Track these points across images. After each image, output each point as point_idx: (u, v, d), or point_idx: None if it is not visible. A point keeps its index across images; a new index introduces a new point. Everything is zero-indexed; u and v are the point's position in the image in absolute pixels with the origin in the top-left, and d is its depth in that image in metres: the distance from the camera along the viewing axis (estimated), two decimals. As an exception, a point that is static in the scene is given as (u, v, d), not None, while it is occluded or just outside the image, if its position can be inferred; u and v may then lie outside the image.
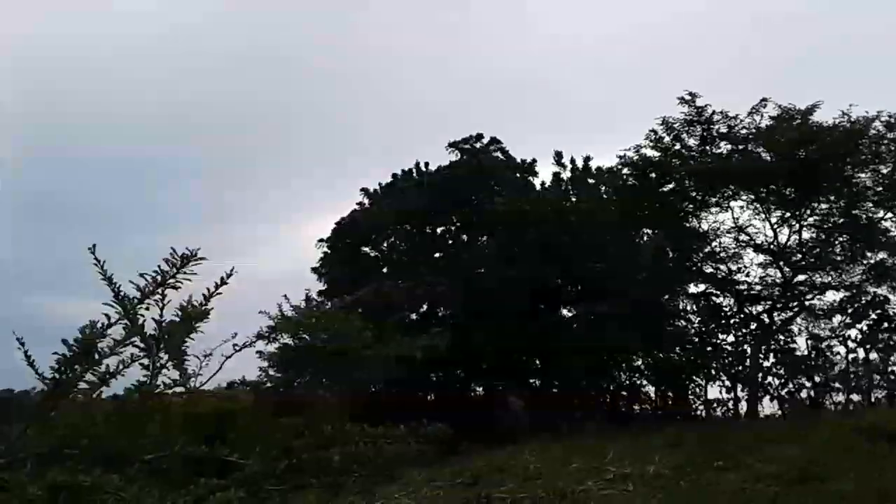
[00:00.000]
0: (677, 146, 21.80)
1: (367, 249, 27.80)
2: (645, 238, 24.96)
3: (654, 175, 22.34)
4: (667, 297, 24.53)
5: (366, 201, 28.33)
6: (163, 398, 3.34)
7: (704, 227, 22.88)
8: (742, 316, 23.46)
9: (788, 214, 21.96)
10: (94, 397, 2.92)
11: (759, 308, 22.96)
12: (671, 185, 22.48)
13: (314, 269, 27.46)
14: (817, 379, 23.31)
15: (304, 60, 62.07)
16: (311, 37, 62.99)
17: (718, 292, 23.84)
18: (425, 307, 25.35)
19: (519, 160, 28.08)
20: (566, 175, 27.80)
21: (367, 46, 62.57)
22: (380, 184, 28.47)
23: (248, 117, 60.69)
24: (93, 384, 2.87)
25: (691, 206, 22.68)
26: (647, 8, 60.05)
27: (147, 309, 2.77)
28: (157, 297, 2.76)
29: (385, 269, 26.72)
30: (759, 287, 22.82)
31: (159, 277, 2.71)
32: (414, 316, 24.72)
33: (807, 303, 22.58)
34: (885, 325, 22.22)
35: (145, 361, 2.93)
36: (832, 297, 22.61)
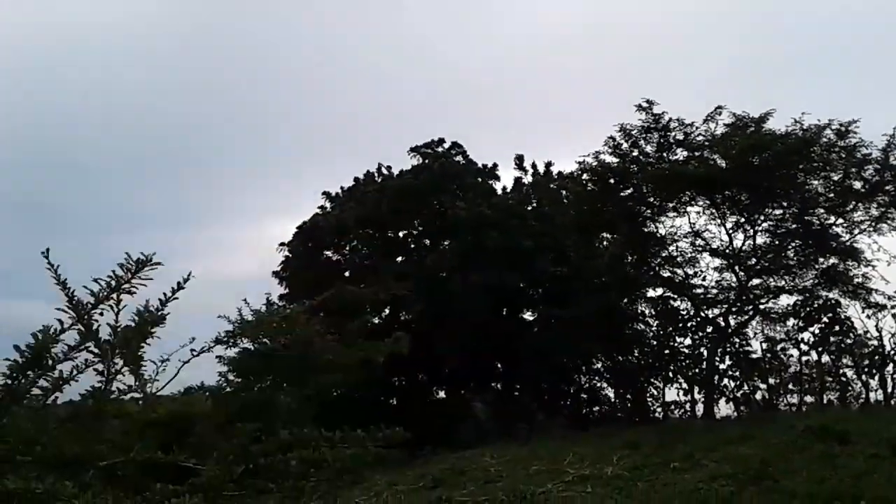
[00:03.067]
0: (635, 152, 22.13)
1: (329, 253, 27.67)
2: (604, 242, 25.26)
3: (612, 181, 22.64)
4: (626, 300, 24.85)
5: (328, 205, 28.21)
6: (119, 403, 3.31)
7: (662, 231, 23.24)
8: (699, 319, 23.86)
9: (743, 220, 22.42)
10: (47, 403, 2.89)
11: (716, 311, 23.38)
12: (630, 191, 22.78)
13: (275, 273, 27.26)
14: (772, 381, 23.79)
15: (265, 63, 61.69)
16: (272, 39, 62.58)
17: (676, 296, 24.21)
18: (388, 311, 25.34)
19: (481, 164, 28.23)
20: (528, 179, 28.06)
21: (328, 49, 62.40)
22: (342, 187, 28.39)
23: (210, 119, 60.09)
24: (46, 390, 2.84)
25: (649, 211, 23.02)
26: (607, 11, 60.94)
27: (101, 314, 2.75)
28: (112, 301, 2.75)
29: (347, 273, 26.64)
30: (715, 291, 23.26)
31: (114, 282, 2.69)
32: (376, 320, 24.68)
33: (761, 306, 23.06)
34: (837, 328, 22.76)
35: (100, 367, 2.91)
36: (786, 300, 23.13)
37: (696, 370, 24.00)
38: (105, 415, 3.06)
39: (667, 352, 24.75)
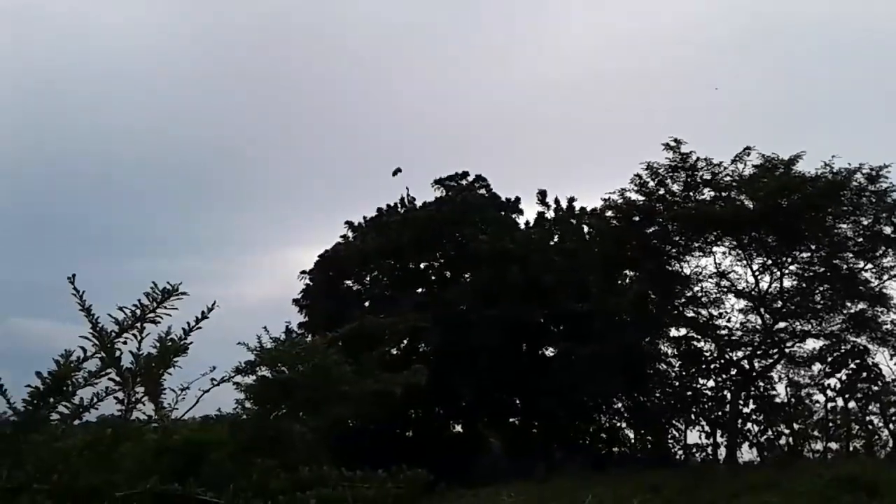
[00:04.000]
0: (661, 191, 21.98)
1: (349, 282, 27.68)
2: (627, 280, 25.03)
3: (637, 218, 22.47)
4: (648, 339, 24.53)
5: (350, 234, 28.31)
6: (137, 431, 3.26)
7: (687, 271, 22.98)
8: (722, 361, 23.48)
9: (770, 262, 22.13)
10: (65, 428, 2.84)
11: (740, 354, 22.98)
12: (655, 229, 22.61)
13: (296, 301, 27.29)
14: (796, 426, 23.29)
15: (291, 94, 62.53)
16: (302, 71, 63.46)
17: (699, 337, 23.86)
18: (406, 342, 25.20)
19: (504, 198, 28.25)
20: (550, 215, 27.98)
21: (356, 80, 63.14)
22: (365, 217, 28.50)
23: (236, 146, 60.86)
24: (65, 416, 2.79)
25: (674, 250, 22.81)
26: (635, 46, 61.15)
27: (125, 343, 2.70)
28: (136, 330, 2.70)
29: (367, 303, 26.59)
30: (739, 333, 22.87)
31: (139, 311, 2.65)
32: (395, 351, 24.53)
33: (787, 350, 22.65)
34: (864, 374, 22.27)
35: (120, 395, 2.85)
36: (812, 345, 22.71)
37: (719, 413, 23.56)
38: (123, 444, 2.99)
39: (689, 393, 24.36)
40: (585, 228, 26.86)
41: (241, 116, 63.65)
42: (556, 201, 28.01)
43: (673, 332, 24.45)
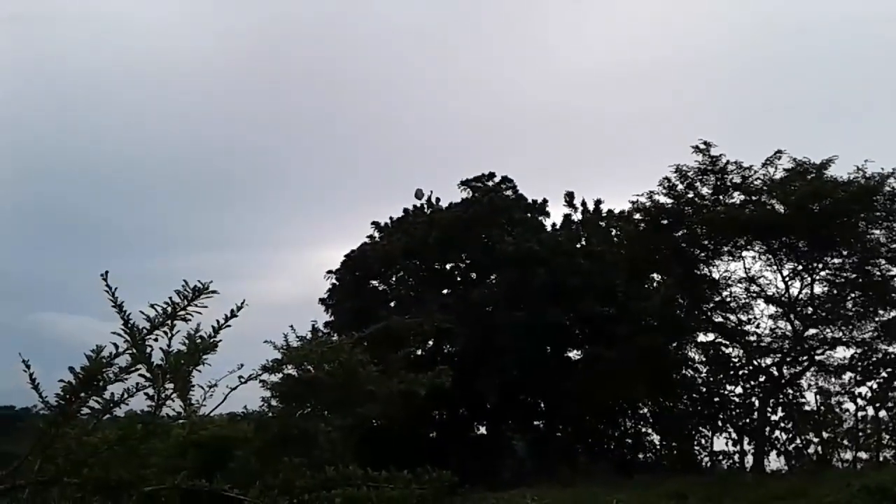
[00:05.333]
0: (690, 194, 21.78)
1: (375, 283, 27.75)
2: (655, 284, 24.82)
3: (666, 221, 22.28)
4: (675, 344, 24.30)
5: (376, 234, 28.37)
6: (167, 427, 3.30)
7: (715, 275, 22.73)
8: (751, 368, 23.21)
9: (801, 267, 21.84)
10: (96, 423, 2.88)
11: (769, 361, 22.70)
12: (683, 233, 22.40)
13: (322, 301, 27.41)
14: (825, 435, 22.94)
15: (320, 94, 62.95)
16: (327, 70, 63.86)
17: (728, 343, 23.61)
18: (431, 343, 25.21)
19: (530, 200, 28.13)
20: (577, 217, 27.84)
21: (381, 81, 63.39)
22: (391, 218, 28.55)
23: (264, 147, 61.43)
24: (96, 411, 2.83)
25: (703, 254, 22.58)
26: (666, 45, 60.67)
27: (156, 340, 2.74)
28: (166, 327, 2.74)
29: (392, 304, 26.65)
30: (768, 339, 22.59)
31: (170, 309, 2.68)
32: (420, 352, 24.55)
33: (817, 357, 22.32)
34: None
35: (150, 391, 2.88)
36: (843, 353, 22.35)
37: (747, 420, 23.30)
38: (152, 440, 3.04)
39: (716, 400, 24.11)
40: (613, 231, 26.68)
41: (270, 117, 64.24)
42: (583, 203, 27.88)
43: (701, 338, 24.23)
